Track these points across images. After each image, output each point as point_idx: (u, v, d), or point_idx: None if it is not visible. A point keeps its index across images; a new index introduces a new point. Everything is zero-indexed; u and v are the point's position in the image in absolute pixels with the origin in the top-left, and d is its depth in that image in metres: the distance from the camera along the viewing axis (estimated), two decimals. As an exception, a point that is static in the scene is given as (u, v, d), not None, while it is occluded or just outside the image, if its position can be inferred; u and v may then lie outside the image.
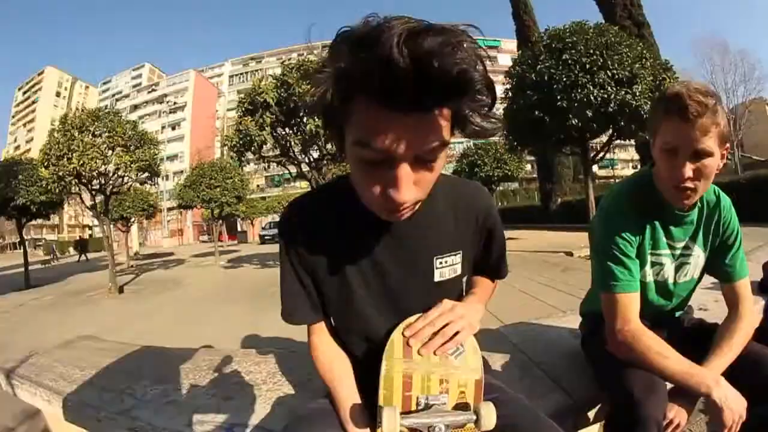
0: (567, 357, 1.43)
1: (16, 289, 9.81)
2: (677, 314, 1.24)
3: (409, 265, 0.78)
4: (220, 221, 20.61)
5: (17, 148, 55.74)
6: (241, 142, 9.32)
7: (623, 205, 1.08)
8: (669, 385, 1.00)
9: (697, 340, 1.08)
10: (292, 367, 1.62)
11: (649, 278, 1.12)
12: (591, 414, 1.30)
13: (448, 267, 0.80)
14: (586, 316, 1.36)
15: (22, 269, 11.04)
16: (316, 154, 9.57)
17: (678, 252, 1.11)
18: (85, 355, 1.96)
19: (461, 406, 0.69)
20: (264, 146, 9.58)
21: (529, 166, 27.38)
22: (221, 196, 16.00)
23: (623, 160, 40.44)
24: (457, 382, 0.69)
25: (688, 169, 0.92)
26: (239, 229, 39.56)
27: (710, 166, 0.93)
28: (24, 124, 66.03)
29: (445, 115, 0.53)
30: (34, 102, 65.48)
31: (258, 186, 39.33)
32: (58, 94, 65.73)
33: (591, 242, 1.18)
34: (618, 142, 9.88)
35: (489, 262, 0.92)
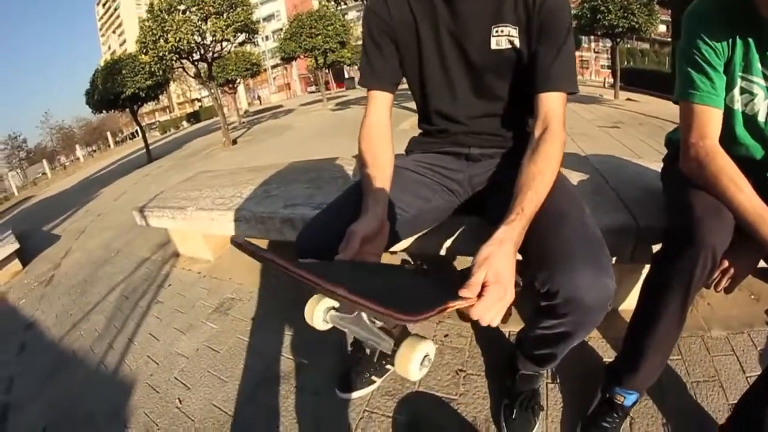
0: (645, 191, 1.33)
1: (140, 165, 10.88)
2: None
3: (468, 29, 0.89)
4: (326, 69, 20.79)
5: (113, 53, 58.15)
6: (333, -17, 8.90)
7: (713, 7, 0.87)
8: None
9: None
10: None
11: (737, 106, 0.91)
12: (655, 248, 1.23)
13: (504, 37, 0.87)
14: (670, 143, 1.21)
15: (143, 151, 12.26)
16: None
17: None
18: (201, 182, 2.38)
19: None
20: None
21: (663, 28, 22.22)
22: (323, 43, 15.96)
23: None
24: None
25: None
26: (346, 76, 39.27)
27: None
28: (113, 31, 68.30)
29: None
30: (116, 9, 66.21)
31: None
32: (136, -7, 65.69)
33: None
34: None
35: (554, 63, 0.84)
